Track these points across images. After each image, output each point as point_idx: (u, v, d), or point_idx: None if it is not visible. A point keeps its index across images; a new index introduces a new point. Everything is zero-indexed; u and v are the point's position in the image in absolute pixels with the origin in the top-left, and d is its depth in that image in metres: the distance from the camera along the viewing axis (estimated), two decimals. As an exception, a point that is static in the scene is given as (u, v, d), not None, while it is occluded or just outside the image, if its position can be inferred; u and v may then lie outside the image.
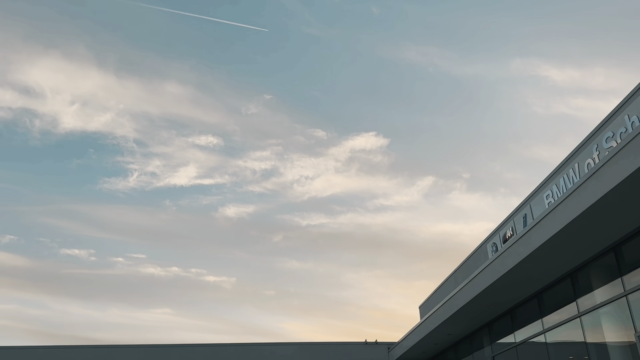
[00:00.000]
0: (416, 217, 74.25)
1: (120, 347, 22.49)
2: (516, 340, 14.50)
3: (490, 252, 16.88)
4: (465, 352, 18.33)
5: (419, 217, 73.09)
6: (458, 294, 14.50)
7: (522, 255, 10.80)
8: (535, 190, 14.67)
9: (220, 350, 22.82)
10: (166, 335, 77.29)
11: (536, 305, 13.36)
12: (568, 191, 9.22)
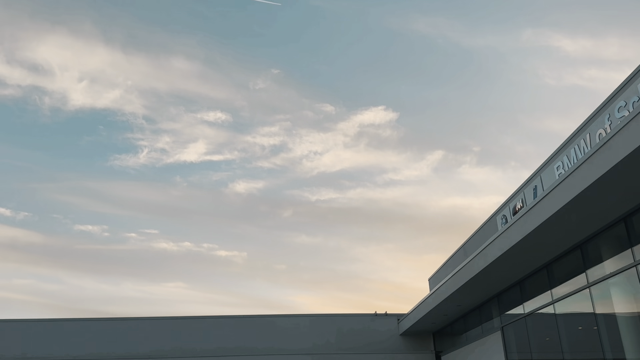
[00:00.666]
0: (425, 191, 74.00)
1: (135, 320, 22.96)
2: (525, 311, 14.61)
3: (499, 224, 16.88)
4: (474, 323, 18.51)
5: (429, 191, 72.82)
6: (467, 265, 14.58)
7: (531, 226, 10.80)
8: (546, 162, 14.56)
9: (232, 322, 23.22)
10: (179, 308, 78.41)
11: (545, 276, 13.41)
12: (578, 162, 9.15)
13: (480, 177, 69.79)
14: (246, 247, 70.85)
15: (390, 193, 72.09)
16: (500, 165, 77.17)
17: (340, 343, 22.69)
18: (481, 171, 68.41)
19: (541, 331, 14.35)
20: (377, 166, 70.03)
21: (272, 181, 70.20)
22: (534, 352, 14.60)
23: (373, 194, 70.99)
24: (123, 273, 67.99)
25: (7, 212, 59.95)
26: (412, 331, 22.56)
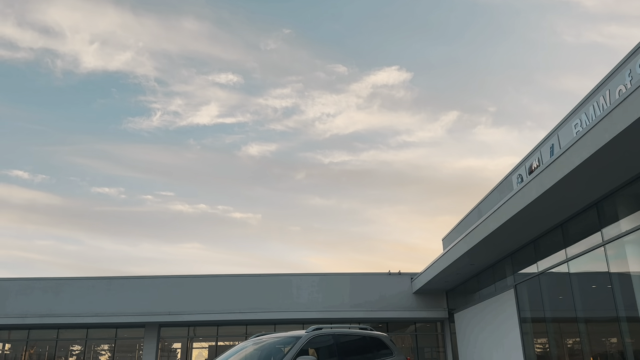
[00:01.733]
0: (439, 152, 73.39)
1: (154, 278, 23.55)
2: (539, 269, 14.65)
3: (515, 183, 16.76)
4: (487, 281, 18.65)
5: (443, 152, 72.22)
6: (482, 224, 14.58)
7: (548, 184, 10.70)
8: (564, 120, 14.30)
9: (248, 280, 23.70)
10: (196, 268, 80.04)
11: (560, 235, 13.37)
12: (597, 118, 8.96)
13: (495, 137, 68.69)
14: (260, 209, 71.44)
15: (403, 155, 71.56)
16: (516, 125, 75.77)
17: (354, 301, 23.09)
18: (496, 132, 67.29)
19: (554, 290, 14.42)
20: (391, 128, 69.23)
21: (284, 144, 70.00)
22: (546, 311, 14.72)
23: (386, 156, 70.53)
24: (141, 234, 69.25)
25: (25, 175, 60.87)
26: (425, 289, 22.83)
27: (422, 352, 24.74)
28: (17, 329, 23.58)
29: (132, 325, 23.18)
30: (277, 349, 6.98)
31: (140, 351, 23.98)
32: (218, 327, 23.75)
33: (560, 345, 14.61)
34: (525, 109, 65.98)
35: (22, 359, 23.99)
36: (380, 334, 8.60)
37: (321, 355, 7.00)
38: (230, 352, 7.73)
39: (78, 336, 24.08)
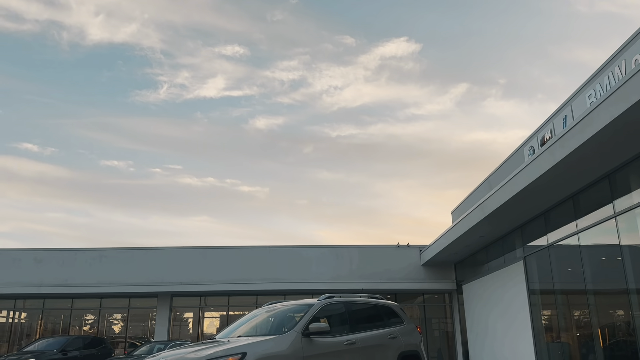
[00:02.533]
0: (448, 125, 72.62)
1: (164, 249, 23.86)
2: (548, 241, 14.67)
3: (527, 155, 16.65)
4: (496, 253, 18.72)
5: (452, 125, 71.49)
6: (492, 196, 14.56)
7: (560, 156, 10.62)
8: (577, 91, 14.10)
9: (258, 252, 23.95)
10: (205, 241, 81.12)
11: (571, 207, 13.33)
12: (612, 89, 8.83)
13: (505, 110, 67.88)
14: (268, 182, 71.54)
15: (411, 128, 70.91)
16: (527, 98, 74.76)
17: (363, 272, 23.31)
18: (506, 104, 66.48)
19: (564, 262, 14.45)
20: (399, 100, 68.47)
21: (292, 117, 69.58)
22: (555, 282, 14.78)
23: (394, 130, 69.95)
24: (150, 207, 69.79)
25: (35, 148, 61.16)
26: (434, 262, 22.97)
27: (430, 322, 25.05)
28: (32, 298, 24.09)
29: (144, 295, 23.60)
30: (289, 317, 7.09)
31: (152, 320, 24.47)
32: (229, 297, 24.13)
33: (568, 317, 14.72)
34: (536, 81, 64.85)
35: (37, 327, 24.58)
36: (390, 302, 8.70)
37: (333, 322, 7.11)
38: (243, 320, 7.87)
39: (92, 305, 24.58)
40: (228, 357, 5.69)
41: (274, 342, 6.26)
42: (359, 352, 7.10)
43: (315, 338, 6.59)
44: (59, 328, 24.70)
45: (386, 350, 7.58)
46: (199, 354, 5.86)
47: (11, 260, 23.26)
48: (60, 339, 18.09)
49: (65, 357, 17.00)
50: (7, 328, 24.78)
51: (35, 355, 16.23)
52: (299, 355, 6.25)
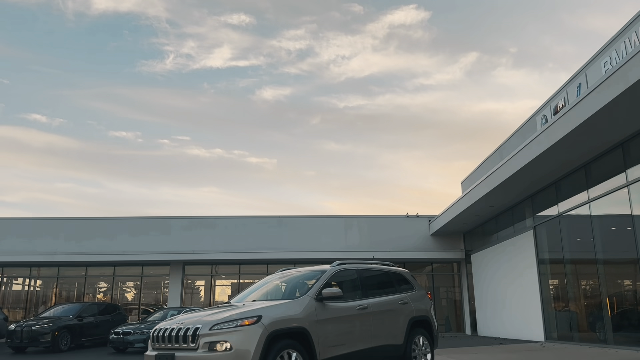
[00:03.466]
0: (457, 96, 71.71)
1: (177, 219, 24.11)
2: (559, 211, 14.65)
3: (539, 124, 16.49)
4: (505, 223, 18.75)
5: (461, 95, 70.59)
6: (504, 166, 14.50)
7: (573, 124, 10.52)
8: (592, 58, 13.85)
9: (269, 222, 24.14)
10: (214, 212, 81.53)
11: (583, 176, 13.26)
12: (629, 55, 8.67)
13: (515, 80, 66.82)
14: (276, 154, 71.48)
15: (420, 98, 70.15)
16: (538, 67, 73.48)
17: (373, 242, 23.46)
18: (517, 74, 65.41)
19: (574, 231, 14.46)
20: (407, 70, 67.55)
21: (299, 87, 68.99)
22: (565, 252, 14.82)
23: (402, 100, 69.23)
24: (159, 178, 70.16)
25: (43, 119, 61.32)
26: (443, 232, 23.06)
27: (438, 291, 25.30)
28: (46, 266, 24.56)
29: (157, 263, 23.97)
30: (302, 283, 7.19)
31: (165, 288, 24.91)
32: (240, 265, 24.45)
33: (577, 286, 14.81)
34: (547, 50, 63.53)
35: (52, 295, 25.12)
36: (402, 269, 8.79)
37: (345, 288, 7.20)
38: (257, 285, 8.00)
39: (105, 273, 25.04)
40: (244, 320, 5.82)
41: (288, 306, 6.37)
42: (371, 316, 7.22)
43: (328, 303, 6.70)
44: (73, 295, 25.22)
45: (397, 315, 7.70)
46: (215, 317, 5.99)
47: (25, 229, 23.64)
48: (76, 306, 18.49)
49: (80, 322, 17.41)
50: (23, 295, 25.35)
51: (52, 321, 16.63)
52: (313, 319, 6.37)
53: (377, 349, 7.17)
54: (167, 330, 6.06)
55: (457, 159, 79.06)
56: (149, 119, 66.76)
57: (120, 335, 15.89)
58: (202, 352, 5.66)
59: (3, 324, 18.57)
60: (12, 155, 69.73)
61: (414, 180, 78.52)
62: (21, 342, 15.96)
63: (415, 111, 74.43)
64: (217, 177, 74.27)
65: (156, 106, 64.36)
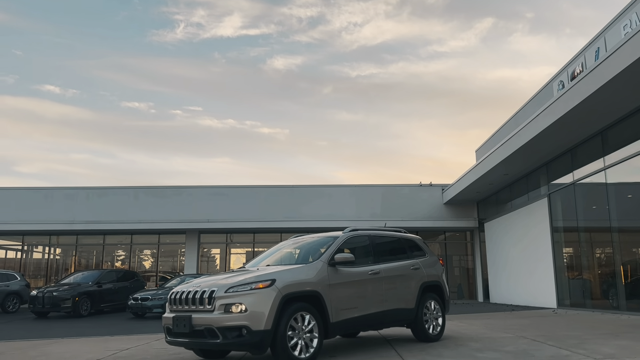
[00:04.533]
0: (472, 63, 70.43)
1: (192, 188, 24.35)
2: (574, 178, 14.52)
3: (556, 90, 16.20)
4: (520, 191, 18.65)
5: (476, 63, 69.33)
6: (519, 133, 14.35)
7: (591, 89, 10.33)
8: (612, 21, 13.49)
9: (283, 191, 24.29)
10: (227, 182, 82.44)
11: (599, 143, 13.08)
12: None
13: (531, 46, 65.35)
14: (288, 124, 71.22)
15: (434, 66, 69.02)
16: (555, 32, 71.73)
17: (386, 211, 23.53)
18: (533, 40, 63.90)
19: (589, 199, 14.36)
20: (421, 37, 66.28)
21: (310, 56, 68.15)
22: (580, 220, 14.76)
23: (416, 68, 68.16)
24: (172, 148, 70.49)
25: (57, 90, 61.59)
26: (456, 200, 23.03)
27: (451, 259, 25.43)
28: (64, 235, 25.08)
29: (173, 231, 24.35)
30: (315, 249, 7.27)
31: (182, 256, 25.36)
32: (254, 234, 24.74)
33: (591, 254, 14.79)
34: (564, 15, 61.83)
35: (72, 263, 25.72)
36: (414, 236, 8.84)
37: (357, 254, 7.27)
38: (271, 251, 8.12)
39: (123, 241, 25.51)
40: (258, 283, 5.93)
41: (302, 270, 6.47)
42: (383, 281, 7.31)
43: (340, 268, 6.79)
44: (92, 263, 25.80)
45: (409, 281, 7.78)
46: (230, 280, 6.11)
47: (43, 198, 24.07)
48: (95, 273, 18.95)
49: (100, 289, 17.87)
50: (44, 264, 26.00)
51: (72, 287, 17.09)
52: (325, 283, 6.47)
53: (389, 312, 7.28)
54: (184, 293, 6.21)
55: (471, 128, 78.26)
56: (160, 90, 66.75)
57: (139, 301, 16.30)
58: (218, 314, 5.80)
59: (25, 291, 19.14)
60: (27, 127, 70.42)
61: (427, 150, 78.00)
62: (43, 307, 16.46)
63: (429, 79, 73.39)
64: (230, 148, 74.42)
65: (168, 76, 64.19)
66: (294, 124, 72.72)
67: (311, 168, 74.33)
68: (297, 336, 6.00)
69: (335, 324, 6.46)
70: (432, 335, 7.84)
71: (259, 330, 5.69)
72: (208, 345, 5.93)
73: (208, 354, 6.90)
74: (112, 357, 7.31)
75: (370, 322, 7.10)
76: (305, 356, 6.00)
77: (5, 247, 25.28)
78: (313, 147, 74.12)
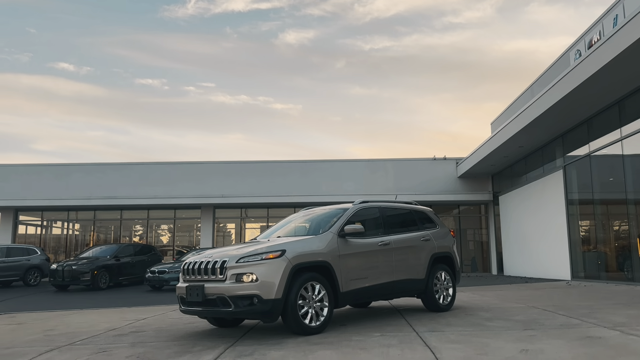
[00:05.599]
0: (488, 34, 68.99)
1: (207, 164, 24.53)
2: (590, 150, 14.32)
3: (572, 60, 15.86)
4: (535, 164, 18.46)
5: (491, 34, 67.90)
6: (535, 103, 14.13)
7: (609, 57, 10.10)
8: (633, -12, 13.07)
9: (296, 166, 24.35)
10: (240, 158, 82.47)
11: (616, 113, 12.84)
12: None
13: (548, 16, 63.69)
14: (301, 99, 70.87)
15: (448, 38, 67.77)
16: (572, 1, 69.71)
17: (399, 186, 23.48)
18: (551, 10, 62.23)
19: (605, 171, 14.17)
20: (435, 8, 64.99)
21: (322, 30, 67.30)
22: (595, 192, 14.59)
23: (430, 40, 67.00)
24: (186, 125, 70.74)
25: (71, 68, 61.85)
26: (471, 173, 22.88)
27: (465, 233, 25.40)
28: (82, 210, 25.51)
29: (188, 206, 24.63)
30: (325, 220, 7.31)
31: (197, 231, 25.68)
32: (268, 209, 24.91)
33: (606, 226, 14.65)
34: (586, -18, 60.08)
35: (90, 238, 26.21)
36: (425, 208, 8.83)
37: (367, 225, 7.30)
38: (282, 223, 8.18)
39: (140, 216, 25.89)
40: (269, 254, 6.01)
41: (312, 241, 6.53)
42: (393, 252, 7.35)
43: (350, 239, 6.83)
44: (110, 238, 26.27)
45: (419, 252, 7.81)
46: (242, 251, 6.20)
47: (61, 174, 24.45)
48: (113, 247, 19.31)
49: (118, 262, 18.23)
50: (63, 239, 26.54)
51: (90, 261, 17.46)
52: (335, 253, 6.53)
53: (399, 282, 7.34)
54: (197, 264, 6.32)
55: (486, 101, 77.18)
56: (173, 66, 66.69)
57: (156, 274, 16.62)
58: (230, 283, 5.90)
59: (45, 264, 19.61)
60: (43, 105, 71.09)
61: (441, 124, 77.26)
62: (63, 280, 16.88)
63: (444, 52, 72.18)
64: (243, 124, 74.45)
65: (180, 53, 64.06)
66: (306, 99, 72.36)
67: (324, 144, 74.18)
68: (307, 305, 6.09)
69: (345, 293, 6.54)
70: (442, 305, 7.90)
71: (270, 299, 5.79)
72: (220, 313, 6.05)
73: (221, 323, 7.05)
74: (129, 326, 7.50)
75: (380, 292, 7.17)
76: (315, 324, 6.10)
77: (25, 222, 25.82)
78: (326, 123, 73.84)
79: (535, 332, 5.71)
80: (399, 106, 73.74)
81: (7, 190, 24.19)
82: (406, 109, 73.13)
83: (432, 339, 5.46)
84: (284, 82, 68.27)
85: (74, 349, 5.73)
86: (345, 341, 5.50)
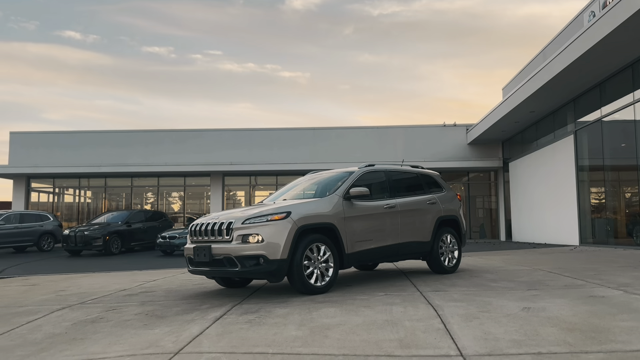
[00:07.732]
0: (504, -3, 67.16)
1: (216, 131, 24.54)
2: (602, 114, 14.10)
3: (586, 21, 15.48)
4: (546, 129, 18.25)
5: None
6: (547, 67, 13.88)
7: (624, 17, 9.84)
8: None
9: (304, 134, 24.29)
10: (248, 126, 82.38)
11: (629, 76, 12.59)
12: None
13: (567, -22, 61.79)
14: (309, 67, 70.05)
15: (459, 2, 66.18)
16: (594, -38, 67.09)
17: (408, 152, 23.38)
18: (569, -29, 60.40)
19: (616, 136, 13.98)
20: (451, -30, 63.28)
21: (332, -7, 65.88)
22: (606, 158, 14.44)
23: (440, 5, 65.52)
24: (194, 94, 70.48)
25: (77, 36, 61.46)
26: (481, 140, 22.71)
27: (474, 200, 25.36)
28: (93, 177, 25.76)
29: (198, 174, 24.77)
30: (331, 183, 7.32)
31: (207, 198, 25.89)
32: (277, 176, 24.99)
33: (617, 193, 14.55)
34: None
35: (102, 205, 26.53)
36: (431, 171, 8.80)
37: (373, 190, 7.30)
38: (288, 186, 8.22)
39: (150, 184, 26.11)
40: (274, 215, 6.06)
41: (317, 203, 6.56)
42: (398, 215, 7.36)
43: (355, 202, 6.85)
44: (122, 206, 26.58)
45: (425, 214, 7.82)
46: (247, 213, 6.25)
47: (71, 142, 24.62)
48: (124, 213, 19.55)
49: (129, 228, 18.49)
50: (75, 207, 26.90)
51: (102, 227, 17.72)
52: (341, 216, 6.56)
53: (404, 245, 7.38)
54: (204, 225, 6.39)
55: (498, 67, 75.87)
56: (179, 34, 66.08)
57: (167, 240, 16.86)
58: (236, 244, 5.98)
59: (58, 230, 19.93)
60: (51, 74, 71.07)
61: (452, 91, 76.27)
62: (75, 245, 17.17)
63: (454, 17, 70.69)
64: (251, 93, 74.04)
65: (185, 19, 63.35)
66: (314, 67, 71.58)
67: (333, 112, 73.70)
68: (312, 265, 6.17)
69: (350, 255, 6.60)
70: (447, 267, 7.95)
71: (276, 259, 5.87)
72: (227, 273, 6.15)
73: (229, 283, 7.17)
74: (139, 287, 7.65)
75: (385, 254, 7.22)
76: (320, 284, 6.18)
77: (37, 189, 26.16)
78: (334, 91, 73.21)
79: (538, 292, 5.75)
80: (409, 73, 72.79)
81: (19, 157, 24.45)
82: (416, 76, 72.18)
83: (436, 298, 5.52)
84: (292, 50, 67.50)
85: (85, 307, 5.88)
86: (350, 300, 5.58)
